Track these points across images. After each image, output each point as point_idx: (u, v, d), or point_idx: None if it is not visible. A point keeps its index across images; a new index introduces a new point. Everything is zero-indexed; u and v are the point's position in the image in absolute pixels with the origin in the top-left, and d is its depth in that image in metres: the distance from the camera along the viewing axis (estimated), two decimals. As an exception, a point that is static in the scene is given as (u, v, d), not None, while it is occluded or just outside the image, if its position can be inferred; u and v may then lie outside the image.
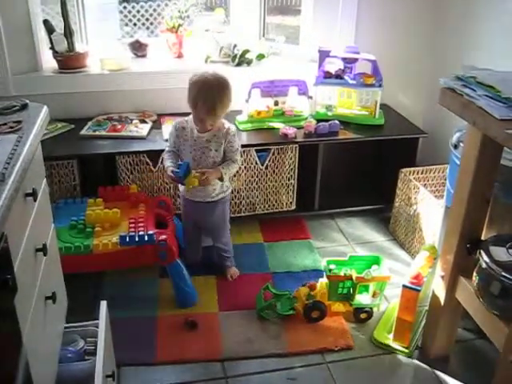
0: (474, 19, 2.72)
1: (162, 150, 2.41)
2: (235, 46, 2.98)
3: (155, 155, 2.55)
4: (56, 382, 1.42)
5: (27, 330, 1.17)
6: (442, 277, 1.91)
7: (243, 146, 2.62)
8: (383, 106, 2.98)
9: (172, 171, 2.18)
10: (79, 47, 2.85)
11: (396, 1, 2.98)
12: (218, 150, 2.26)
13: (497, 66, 1.86)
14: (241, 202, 2.75)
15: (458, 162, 1.88)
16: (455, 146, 2.14)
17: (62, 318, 1.62)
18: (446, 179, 2.40)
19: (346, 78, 2.88)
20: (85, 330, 1.70)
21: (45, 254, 1.36)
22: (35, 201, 1.33)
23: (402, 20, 3.02)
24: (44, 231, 1.48)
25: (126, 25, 3.20)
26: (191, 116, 2.25)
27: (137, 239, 2.12)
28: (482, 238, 1.82)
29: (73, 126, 2.74)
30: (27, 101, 1.51)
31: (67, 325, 1.67)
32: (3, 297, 1.04)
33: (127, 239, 2.11)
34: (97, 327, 1.66)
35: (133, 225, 2.22)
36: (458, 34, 2.87)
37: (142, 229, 2.19)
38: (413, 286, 1.98)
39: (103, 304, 1.73)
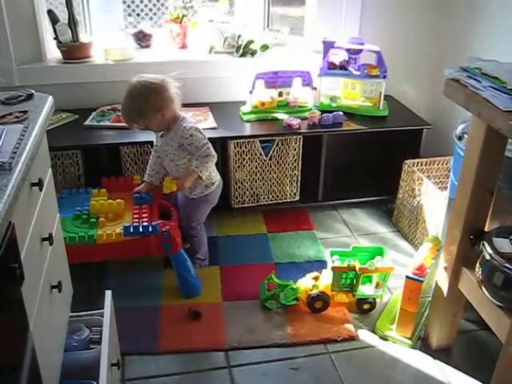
0: (479, 11, 2.71)
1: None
2: (239, 36, 2.98)
3: (159, 146, 2.55)
4: (61, 371, 1.44)
5: (34, 318, 1.18)
6: (445, 268, 1.91)
7: (247, 136, 2.63)
8: (387, 97, 2.97)
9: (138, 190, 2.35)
10: (83, 37, 2.85)
11: (401, -8, 2.98)
12: (176, 153, 2.25)
13: (502, 58, 1.85)
14: (244, 193, 2.76)
15: (462, 154, 1.87)
16: (459, 138, 2.14)
17: (67, 307, 1.63)
18: (449, 171, 2.40)
19: (350, 69, 2.88)
20: (90, 320, 1.71)
21: (51, 244, 1.37)
22: (41, 190, 1.34)
23: (407, 11, 3.01)
24: (50, 221, 1.49)
25: (130, 15, 3.19)
26: None
27: (141, 230, 2.12)
28: (486, 229, 1.82)
29: (77, 116, 2.75)
30: (33, 91, 1.51)
31: (72, 314, 1.69)
32: (11, 285, 1.04)
33: (131, 230, 2.12)
34: (102, 316, 1.67)
35: (137, 215, 2.22)
36: (463, 25, 2.85)
37: (145, 219, 2.19)
38: (416, 277, 1.98)
39: (108, 293, 1.74)
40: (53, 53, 2.84)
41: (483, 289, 1.70)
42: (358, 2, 2.95)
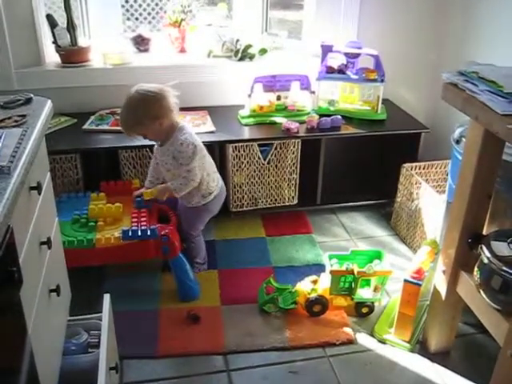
0: (476, 14, 2.72)
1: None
2: (238, 40, 2.98)
3: (158, 150, 2.55)
4: (60, 375, 1.44)
5: (32, 321, 1.18)
6: (444, 271, 1.92)
7: (246, 140, 2.64)
8: (385, 101, 2.98)
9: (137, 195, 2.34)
10: (82, 41, 2.85)
11: (398, -4, 2.99)
12: (172, 163, 2.25)
13: (499, 62, 1.86)
14: (243, 197, 2.76)
15: (460, 157, 1.88)
16: (457, 141, 2.14)
17: (65, 311, 1.63)
18: (447, 174, 2.41)
19: (348, 73, 2.88)
20: (88, 323, 1.71)
21: (49, 248, 1.37)
22: (40, 194, 1.34)
23: (405, 15, 3.01)
24: (48, 225, 1.49)
25: (128, 19, 3.20)
26: None
27: (139, 234, 2.12)
28: (484, 232, 1.82)
29: (75, 120, 2.75)
30: (31, 95, 1.52)
31: (71, 318, 1.69)
32: (9, 289, 1.05)
33: (130, 233, 2.12)
34: (100, 320, 1.67)
35: (135, 219, 2.22)
36: (461, 30, 2.86)
37: (144, 223, 2.19)
38: (414, 281, 1.98)
39: (106, 297, 1.74)
40: (51, 57, 2.84)
41: (481, 292, 1.70)
42: (356, 6, 2.96)
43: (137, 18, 3.22)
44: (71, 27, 2.76)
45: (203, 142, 2.35)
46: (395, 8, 2.99)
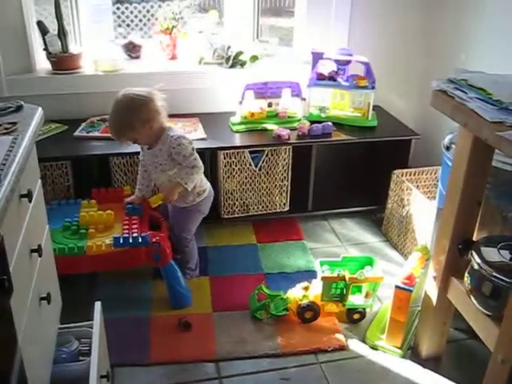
0: (467, 22, 2.74)
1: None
2: (229, 47, 2.99)
3: (149, 156, 2.55)
4: (50, 383, 1.43)
5: (22, 329, 1.17)
6: (434, 277, 1.92)
7: (237, 147, 2.64)
8: (376, 108, 2.99)
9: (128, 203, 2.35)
10: (73, 48, 2.85)
11: (389, 4, 3.00)
12: (167, 164, 2.25)
13: (488, 69, 1.88)
14: (234, 204, 2.76)
15: (450, 164, 1.89)
16: (447, 148, 2.16)
17: (56, 319, 1.63)
18: (438, 181, 2.42)
19: (339, 79, 2.90)
20: (79, 331, 1.70)
21: (40, 255, 1.37)
22: (30, 202, 1.34)
23: (395, 22, 3.04)
24: (39, 232, 1.49)
25: (120, 26, 3.20)
26: None
27: (131, 241, 2.12)
28: (474, 239, 1.83)
29: (66, 127, 2.74)
30: (22, 102, 1.52)
31: (61, 325, 1.68)
32: (-1, 297, 1.04)
33: (121, 241, 2.11)
34: (91, 328, 1.66)
35: (127, 226, 2.22)
36: (450, 37, 2.89)
37: (135, 230, 2.19)
38: (405, 287, 1.99)
39: (97, 305, 1.73)
40: (42, 64, 2.84)
41: (472, 298, 1.71)
42: (347, 14, 2.98)
43: (128, 25, 3.22)
44: (62, 34, 2.76)
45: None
46: (386, 15, 3.01)
